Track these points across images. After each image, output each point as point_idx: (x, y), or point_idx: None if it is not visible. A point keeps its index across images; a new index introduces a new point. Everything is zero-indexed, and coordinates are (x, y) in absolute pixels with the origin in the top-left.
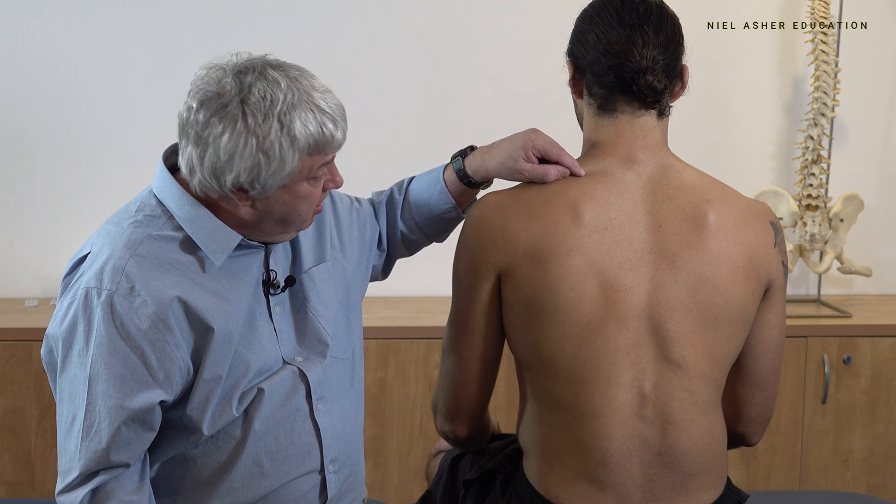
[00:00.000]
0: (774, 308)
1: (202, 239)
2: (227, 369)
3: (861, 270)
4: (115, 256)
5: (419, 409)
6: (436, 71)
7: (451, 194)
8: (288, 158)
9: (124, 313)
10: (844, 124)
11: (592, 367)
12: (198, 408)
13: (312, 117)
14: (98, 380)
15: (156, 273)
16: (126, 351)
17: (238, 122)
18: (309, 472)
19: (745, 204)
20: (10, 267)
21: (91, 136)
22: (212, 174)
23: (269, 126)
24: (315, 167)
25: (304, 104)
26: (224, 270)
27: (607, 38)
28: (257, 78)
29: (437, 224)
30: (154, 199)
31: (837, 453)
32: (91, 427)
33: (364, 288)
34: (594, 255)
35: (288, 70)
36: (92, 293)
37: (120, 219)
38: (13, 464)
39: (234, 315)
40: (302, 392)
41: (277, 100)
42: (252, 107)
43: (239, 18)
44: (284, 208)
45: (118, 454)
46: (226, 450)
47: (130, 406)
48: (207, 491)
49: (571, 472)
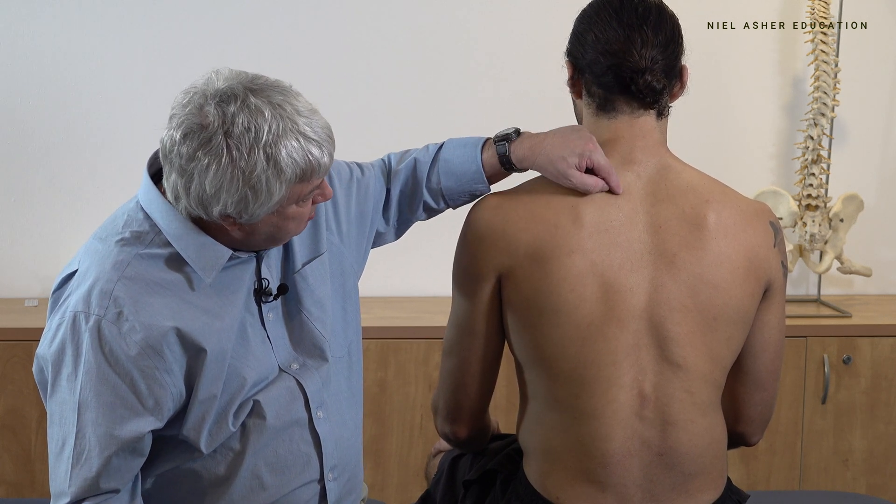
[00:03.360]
0: (774, 308)
1: (191, 256)
2: (221, 387)
3: (861, 270)
4: (103, 279)
5: (419, 409)
6: (436, 70)
7: (485, 173)
8: (275, 190)
9: (112, 339)
10: (844, 124)
11: (593, 368)
12: (194, 428)
13: (298, 146)
14: (87, 407)
15: (145, 297)
16: (115, 378)
17: (223, 156)
18: (309, 481)
19: (744, 204)
20: (10, 267)
21: (91, 136)
22: (198, 204)
23: (255, 160)
24: (304, 193)
25: (289, 133)
26: (215, 286)
27: (606, 38)
28: (240, 108)
29: (464, 197)
30: (141, 212)
31: (837, 453)
32: (81, 455)
33: (361, 267)
34: (595, 257)
35: (271, 95)
36: (80, 318)
37: (107, 234)
38: (13, 464)
39: (226, 331)
40: (300, 402)
41: (262, 131)
42: (236, 140)
43: (239, 18)
44: (273, 229)
45: (108, 482)
46: (224, 462)
47: (120, 435)
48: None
49: (571, 472)
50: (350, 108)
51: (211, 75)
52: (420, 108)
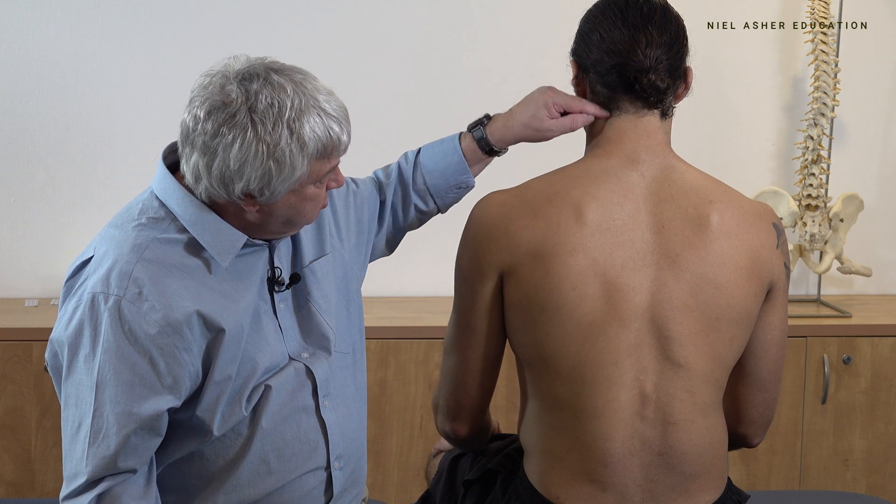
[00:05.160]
0: (776, 309)
1: (208, 241)
2: (236, 369)
3: (861, 270)
4: (122, 261)
5: (419, 409)
6: (436, 70)
7: (468, 163)
8: (298, 164)
9: (132, 318)
10: (844, 124)
11: (594, 367)
12: (208, 409)
13: (320, 121)
14: (106, 385)
15: (164, 278)
16: (134, 356)
17: (248, 131)
18: (315, 468)
19: (747, 205)
20: (10, 267)
21: (91, 136)
22: (220, 182)
23: (279, 133)
24: (323, 171)
25: (312, 109)
26: (230, 271)
27: (611, 38)
28: (263, 85)
29: (452, 194)
30: (156, 200)
31: (837, 453)
32: (98, 433)
33: (363, 274)
34: (597, 255)
35: (291, 74)
36: (99, 298)
37: (123, 222)
38: (13, 464)
39: (242, 313)
40: (308, 389)
41: (285, 106)
42: (261, 115)
43: (239, 19)
44: (291, 210)
45: (126, 460)
46: (233, 447)
47: (140, 412)
48: (214, 487)
49: (572, 472)
50: (350, 108)
51: (229, 60)
52: (420, 108)
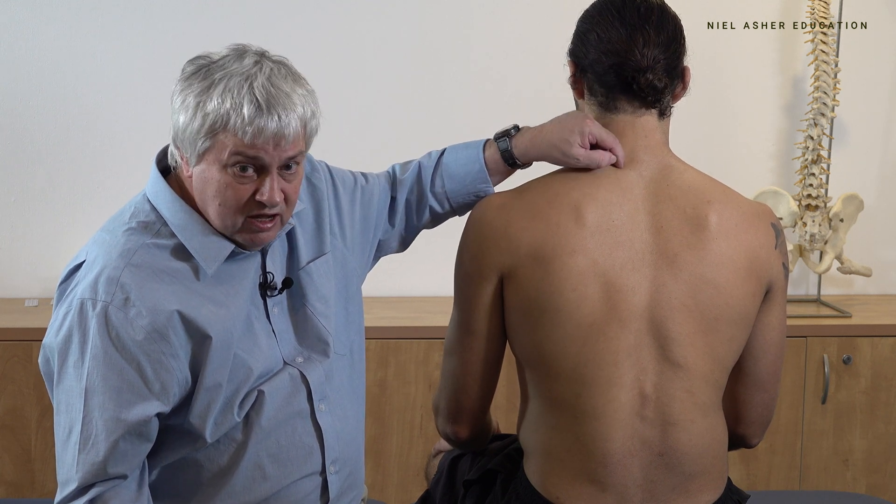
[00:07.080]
0: (775, 310)
1: (194, 247)
2: (227, 376)
3: (861, 270)
4: (110, 267)
5: (419, 409)
6: (436, 70)
7: (489, 173)
8: (196, 125)
9: (119, 325)
10: (844, 124)
11: (594, 368)
12: (199, 416)
13: (236, 95)
14: (94, 392)
15: (151, 283)
16: (121, 363)
17: (193, 85)
18: (310, 473)
19: (746, 205)
20: (10, 267)
21: (91, 136)
22: (174, 145)
23: (200, 86)
24: (224, 152)
25: (243, 84)
26: (220, 276)
27: (608, 38)
28: (238, 57)
29: (469, 199)
30: (148, 204)
31: (837, 453)
32: (88, 440)
33: (365, 274)
34: (596, 256)
35: (270, 60)
36: (87, 304)
37: (114, 226)
38: (13, 464)
39: (231, 320)
40: (303, 394)
41: (228, 70)
42: (206, 74)
43: (239, 19)
44: (202, 185)
45: (115, 466)
46: (227, 453)
47: (127, 418)
48: (208, 494)
49: (572, 472)
50: (350, 108)
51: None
52: (420, 108)
